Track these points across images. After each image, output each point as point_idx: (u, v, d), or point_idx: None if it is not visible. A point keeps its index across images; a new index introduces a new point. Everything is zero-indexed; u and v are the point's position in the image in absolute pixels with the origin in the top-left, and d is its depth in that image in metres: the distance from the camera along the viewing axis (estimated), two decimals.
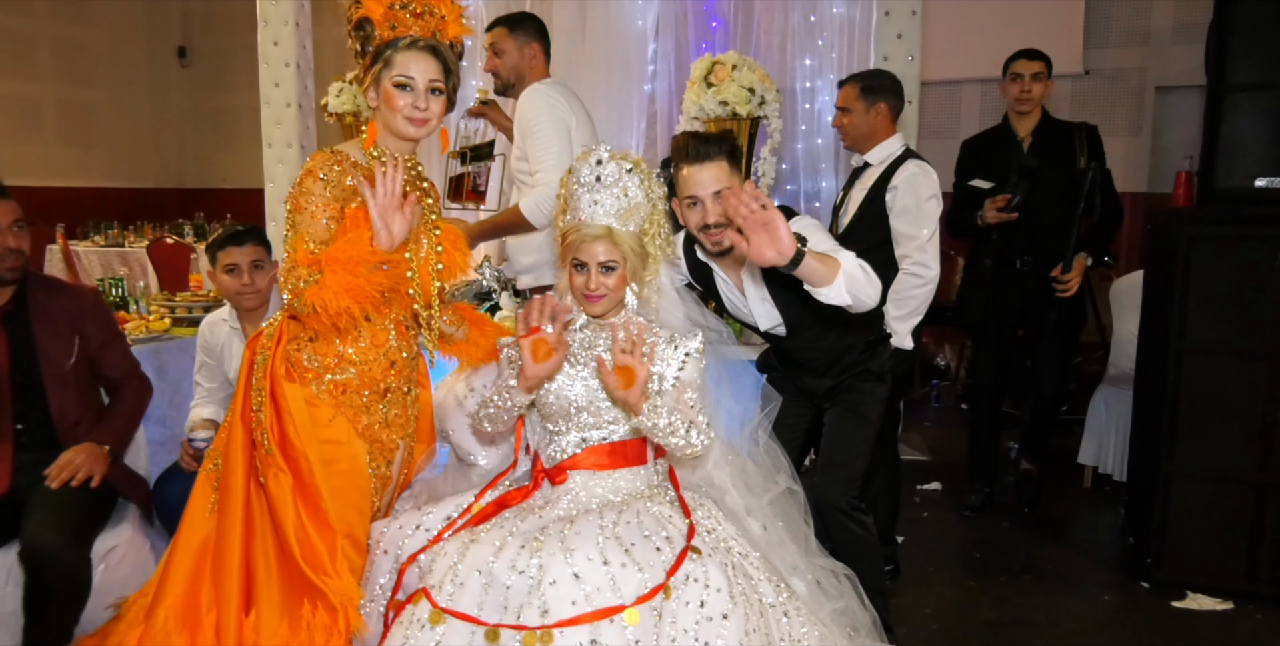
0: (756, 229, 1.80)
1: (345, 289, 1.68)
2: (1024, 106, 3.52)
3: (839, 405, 2.43)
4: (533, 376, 1.85)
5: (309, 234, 1.76)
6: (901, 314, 2.66)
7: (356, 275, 1.70)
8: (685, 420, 1.83)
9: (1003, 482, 4.06)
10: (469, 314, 2.20)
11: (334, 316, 1.72)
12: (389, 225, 1.73)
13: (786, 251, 1.80)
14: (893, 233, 2.74)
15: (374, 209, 1.72)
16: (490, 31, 3.06)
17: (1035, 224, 3.45)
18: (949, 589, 3.07)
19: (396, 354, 1.96)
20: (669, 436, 1.82)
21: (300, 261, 1.72)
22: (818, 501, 2.33)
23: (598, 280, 1.90)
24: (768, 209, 1.79)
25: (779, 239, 1.79)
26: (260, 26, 4.65)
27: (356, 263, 1.70)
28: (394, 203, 1.75)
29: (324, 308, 1.69)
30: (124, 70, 8.52)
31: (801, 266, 1.83)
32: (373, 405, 1.93)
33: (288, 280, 1.72)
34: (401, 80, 1.82)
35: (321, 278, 1.69)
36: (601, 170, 1.91)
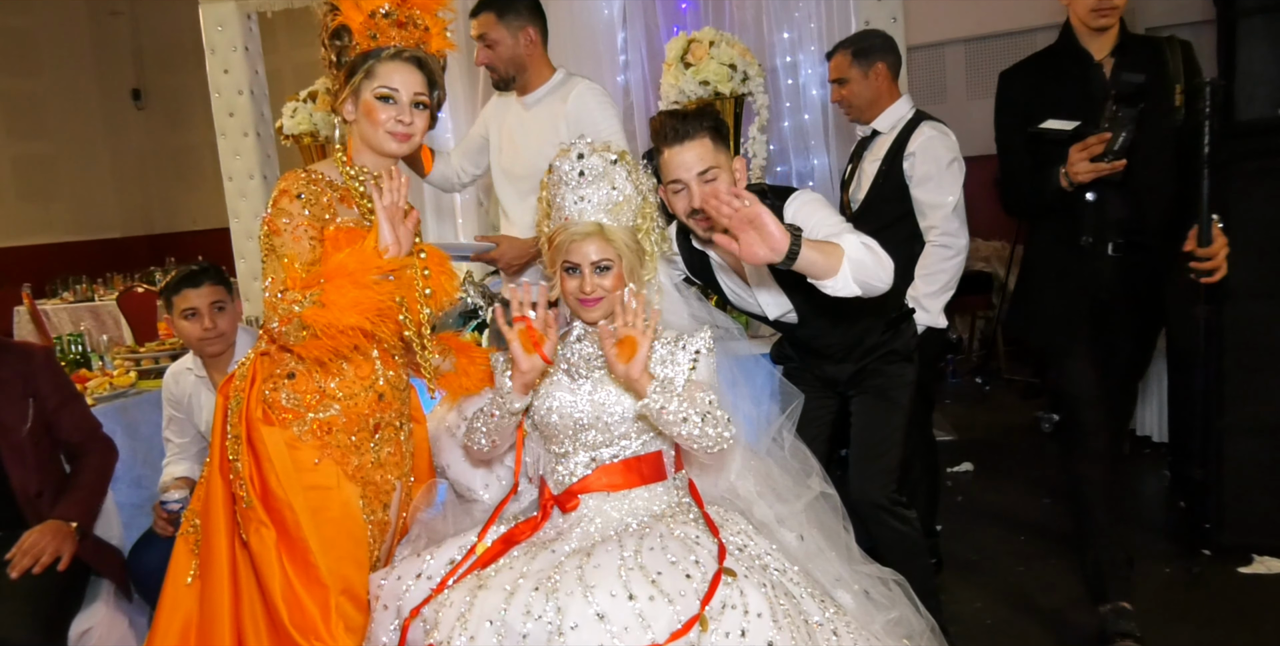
0: (743, 227, 1.65)
1: (353, 304, 1.54)
2: (1104, 18, 2.28)
3: (865, 392, 2.26)
4: (528, 370, 1.69)
5: (294, 256, 1.61)
6: (933, 290, 2.50)
7: (365, 286, 1.55)
8: (699, 411, 1.66)
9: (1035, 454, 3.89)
10: (454, 342, 2.04)
11: (341, 336, 1.56)
12: (396, 232, 1.62)
13: (779, 246, 1.64)
14: (915, 203, 2.57)
15: (381, 213, 1.60)
16: (475, 18, 2.62)
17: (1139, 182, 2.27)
18: (998, 578, 2.89)
19: (384, 386, 1.78)
20: (681, 425, 1.65)
21: (292, 284, 1.56)
22: (855, 500, 2.16)
23: (592, 282, 1.74)
24: (751, 204, 1.63)
25: (769, 234, 1.63)
26: (208, 55, 4.48)
27: (363, 272, 1.56)
28: (399, 212, 1.64)
29: (330, 326, 1.53)
30: (78, 118, 8.34)
31: (799, 260, 1.67)
32: (363, 444, 1.75)
33: (278, 306, 1.55)
34: (384, 92, 1.70)
35: (323, 295, 1.54)
36: (584, 164, 1.78)
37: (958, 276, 2.54)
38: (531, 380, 1.73)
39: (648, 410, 1.66)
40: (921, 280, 2.51)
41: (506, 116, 2.74)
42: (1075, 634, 2.50)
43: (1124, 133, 2.15)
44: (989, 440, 4.39)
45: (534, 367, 1.71)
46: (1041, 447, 4.20)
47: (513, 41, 2.61)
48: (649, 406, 1.65)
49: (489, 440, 1.79)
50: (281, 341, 1.58)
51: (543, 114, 2.67)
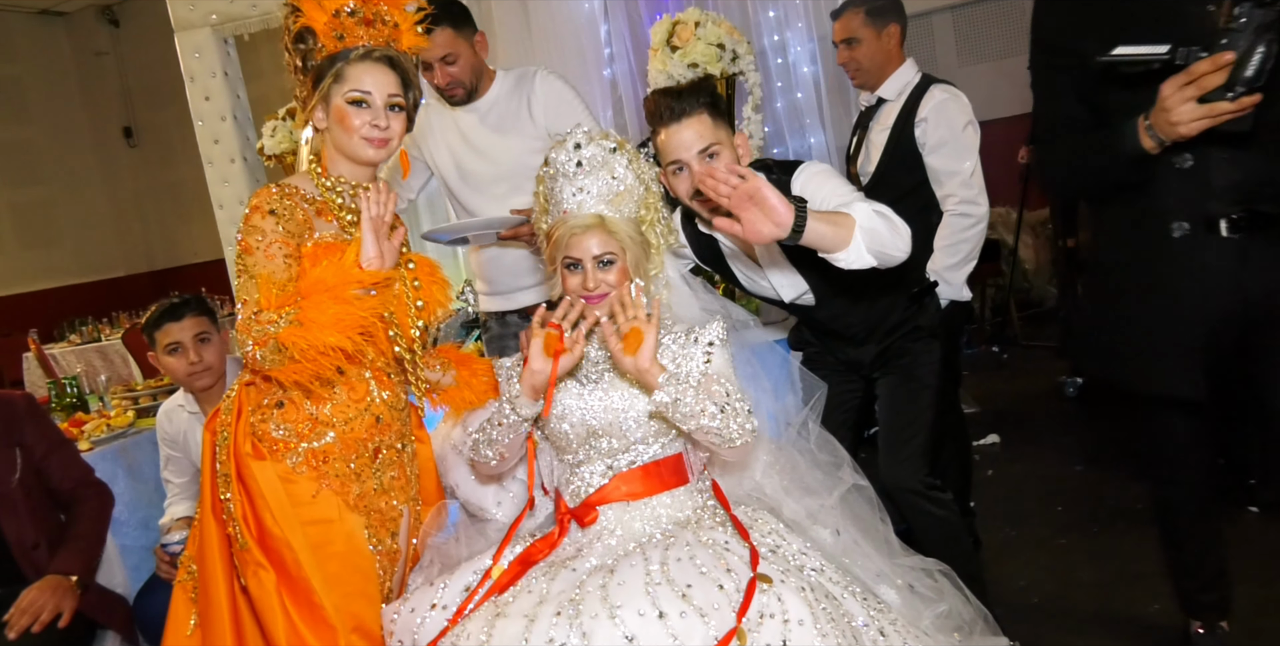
0: (744, 205, 1.55)
1: (334, 321, 1.45)
2: None
3: (891, 373, 2.16)
4: (538, 371, 1.61)
5: (268, 275, 1.52)
6: (954, 261, 2.39)
7: (346, 301, 1.46)
8: (717, 403, 1.57)
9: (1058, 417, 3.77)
10: (454, 355, 1.95)
11: (321, 358, 1.46)
12: (380, 245, 1.53)
13: (784, 221, 1.54)
14: (929, 171, 2.45)
15: (367, 224, 1.51)
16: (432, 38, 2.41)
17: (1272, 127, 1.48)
18: (1039, 553, 2.78)
19: (381, 407, 1.70)
20: (699, 418, 1.55)
21: (266, 304, 1.47)
22: (887, 486, 2.07)
23: (596, 277, 1.65)
24: (748, 179, 1.54)
25: (772, 209, 1.53)
26: (188, 83, 4.43)
27: (343, 286, 1.47)
28: (385, 226, 1.55)
29: (309, 348, 1.44)
30: (72, 162, 8.34)
31: (807, 233, 1.57)
32: (363, 471, 1.66)
33: (251, 329, 1.46)
34: (356, 96, 1.61)
35: (300, 313, 1.45)
36: (582, 154, 1.68)
37: (979, 246, 2.43)
38: (541, 385, 1.64)
39: (661, 404, 1.56)
40: (941, 252, 2.41)
41: (451, 131, 2.60)
42: (1129, 606, 2.39)
43: (1259, 48, 1.33)
44: (1013, 410, 4.27)
45: (544, 370, 1.61)
46: (1068, 413, 4.09)
47: (471, 51, 2.48)
48: (661, 400, 1.55)
49: (497, 452, 1.70)
50: (258, 367, 1.49)
51: (504, 114, 2.56)
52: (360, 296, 1.49)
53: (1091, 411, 4.06)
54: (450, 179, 2.66)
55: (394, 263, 1.58)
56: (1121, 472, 3.29)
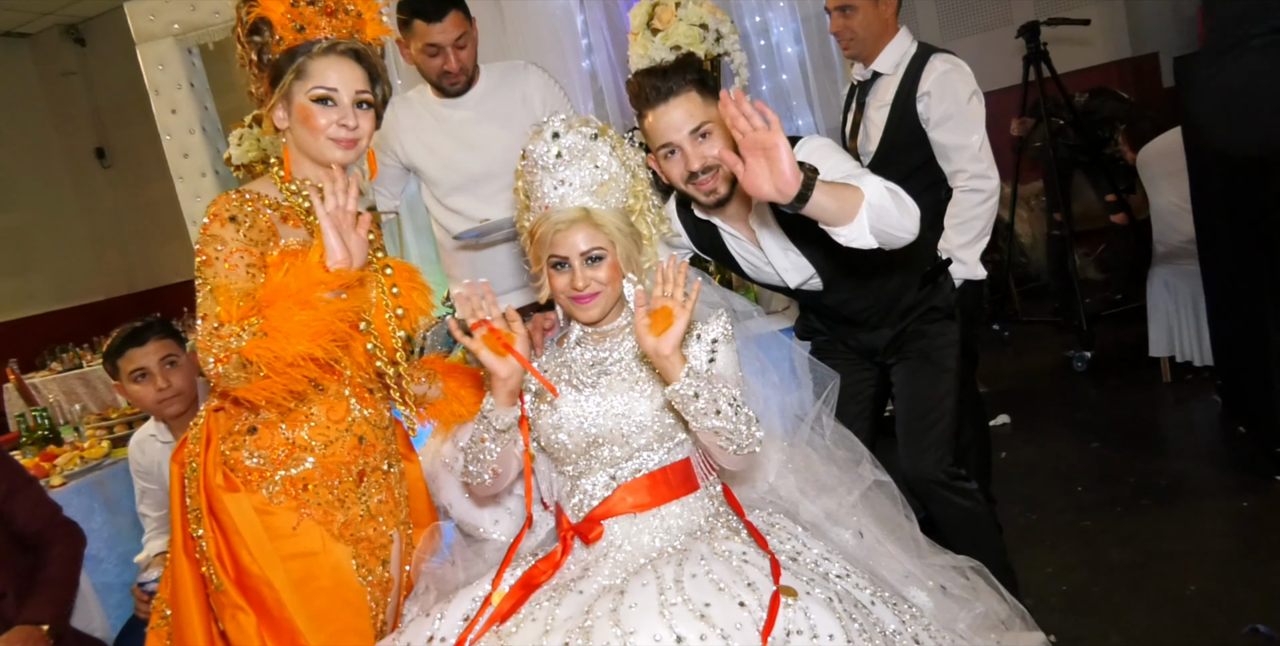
0: (754, 151, 1.44)
1: (301, 328, 1.33)
2: None
3: (908, 357, 2.05)
4: (508, 376, 1.50)
5: (228, 286, 1.39)
6: (967, 239, 2.29)
7: (313, 305, 1.34)
8: (729, 402, 1.46)
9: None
10: (439, 366, 1.83)
11: (291, 370, 1.34)
12: (345, 242, 1.40)
13: (786, 187, 1.43)
14: (935, 147, 2.34)
15: (325, 220, 1.39)
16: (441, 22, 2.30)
17: None
18: (1063, 537, 2.68)
19: (364, 426, 1.57)
20: (711, 418, 1.44)
21: (227, 317, 1.35)
22: (909, 478, 1.96)
23: (585, 275, 1.54)
24: (772, 128, 1.42)
25: (779, 171, 1.42)
26: (153, 97, 4.30)
27: (308, 289, 1.35)
28: (348, 218, 1.43)
29: (276, 359, 1.32)
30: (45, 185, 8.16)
31: (810, 205, 1.46)
32: (347, 496, 1.54)
33: (213, 345, 1.34)
34: (321, 93, 1.50)
35: (264, 323, 1.32)
36: (561, 143, 1.57)
37: (991, 222, 2.34)
38: (516, 386, 1.54)
39: (678, 396, 1.43)
40: (954, 230, 2.30)
41: (431, 129, 2.48)
42: (1164, 588, 2.28)
43: None
44: (1021, 388, 4.17)
45: (514, 372, 1.51)
46: (1078, 389, 3.99)
47: (474, 38, 2.39)
48: (680, 392, 1.43)
49: (489, 471, 1.58)
50: (224, 386, 1.36)
51: (498, 106, 2.44)
52: (328, 300, 1.37)
53: (1102, 386, 3.96)
54: (435, 178, 2.53)
55: (364, 259, 1.46)
56: (1139, 448, 3.19)
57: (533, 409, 1.62)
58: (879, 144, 2.43)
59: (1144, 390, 3.76)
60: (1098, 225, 5.15)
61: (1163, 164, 3.70)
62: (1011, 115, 4.52)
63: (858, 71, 2.55)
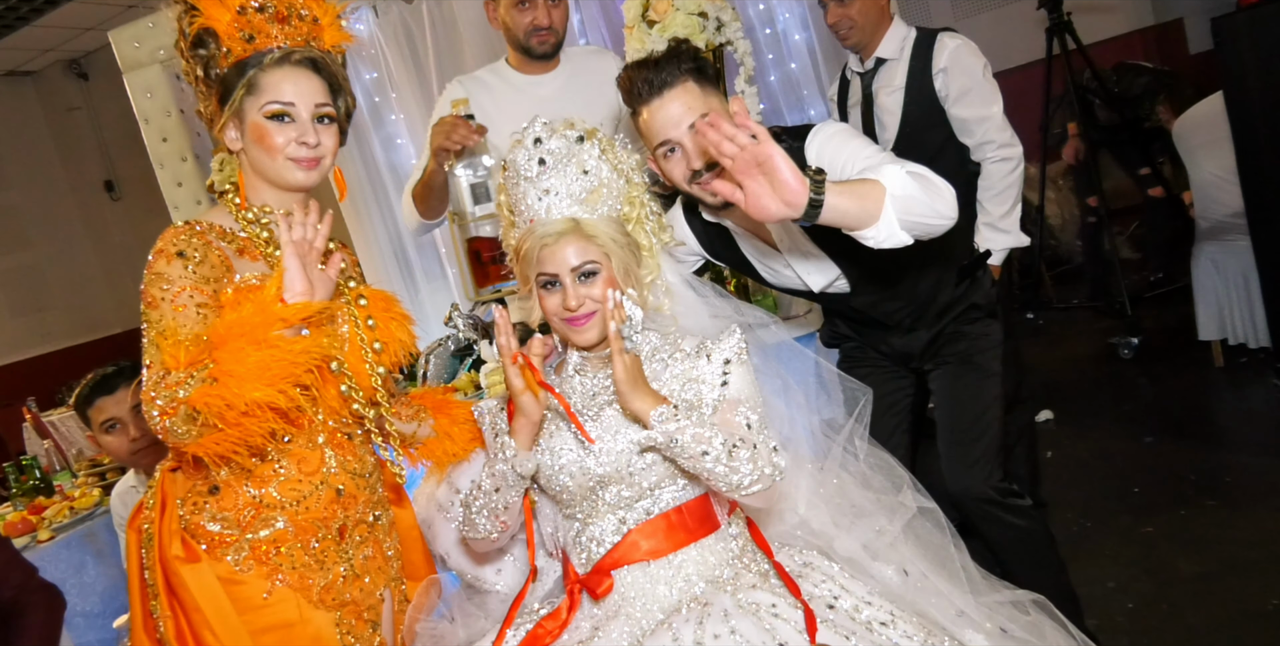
0: (749, 171, 1.28)
1: (257, 371, 1.17)
2: None
3: (947, 362, 1.88)
4: (540, 418, 1.38)
5: (176, 330, 1.25)
6: (1006, 208, 2.32)
7: (271, 344, 1.19)
8: (726, 440, 1.30)
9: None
10: (430, 400, 1.68)
11: (246, 420, 1.18)
12: (308, 274, 1.26)
13: (795, 198, 1.27)
14: (956, 123, 2.34)
15: (287, 247, 1.26)
16: None
17: None
18: (1123, 545, 2.47)
19: (342, 477, 1.42)
20: (699, 460, 1.29)
21: (173, 363, 1.20)
22: (954, 495, 1.78)
23: (578, 294, 1.38)
24: (760, 140, 1.27)
25: (783, 183, 1.26)
26: (142, 125, 4.23)
27: (264, 327, 1.20)
28: (313, 253, 1.29)
29: (227, 409, 1.16)
30: (56, 222, 8.16)
31: (825, 211, 1.29)
32: (327, 556, 1.38)
33: (158, 395, 1.19)
34: (276, 108, 1.36)
35: (214, 368, 1.17)
36: (544, 149, 1.42)
37: (1022, 188, 2.38)
38: (539, 429, 1.40)
39: (653, 443, 1.30)
40: (991, 202, 2.32)
41: (522, 100, 2.28)
42: (1242, 602, 2.07)
43: None
44: (1063, 380, 3.93)
45: (539, 411, 1.37)
46: (1125, 378, 3.76)
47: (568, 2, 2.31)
48: (653, 439, 1.29)
49: (496, 521, 1.41)
50: (172, 442, 1.21)
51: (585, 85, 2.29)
52: (288, 338, 1.22)
53: (1149, 374, 3.73)
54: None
55: (328, 293, 1.31)
56: (1198, 441, 2.97)
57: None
58: (898, 129, 2.39)
59: (1196, 377, 3.53)
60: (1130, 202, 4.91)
61: (1200, 134, 3.48)
62: (1036, 92, 4.30)
63: (854, 63, 2.51)
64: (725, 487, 1.31)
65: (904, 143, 2.37)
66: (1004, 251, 2.33)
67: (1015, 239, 2.34)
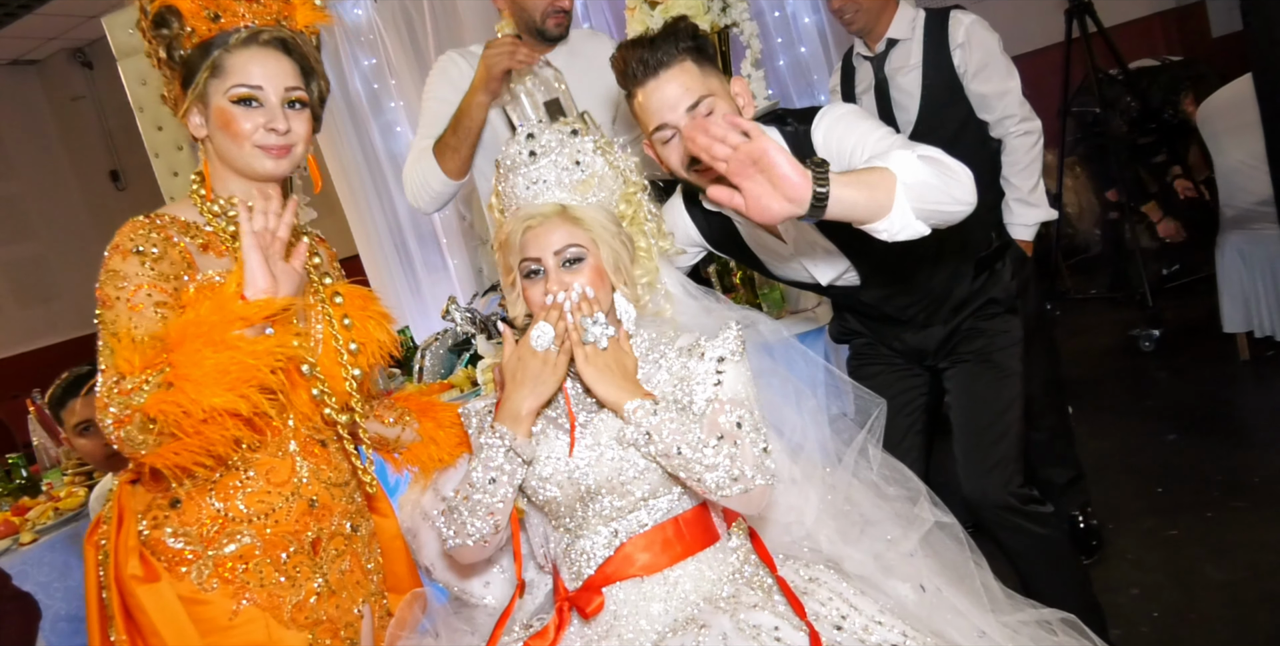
0: (747, 173, 1.19)
1: (216, 374, 1.09)
2: None
3: (964, 361, 1.78)
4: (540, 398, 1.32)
5: (132, 331, 1.17)
6: (1032, 183, 2.30)
7: (231, 345, 1.11)
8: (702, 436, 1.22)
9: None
10: (413, 403, 1.59)
11: (206, 428, 1.10)
12: (270, 268, 1.18)
13: (798, 194, 1.18)
14: (976, 99, 2.32)
15: (249, 239, 1.18)
16: None
17: None
18: (1147, 549, 2.37)
19: (315, 487, 1.33)
20: (674, 458, 1.22)
21: (127, 367, 1.12)
22: (973, 503, 1.70)
23: (561, 280, 1.30)
24: (753, 137, 1.18)
25: (782, 179, 1.17)
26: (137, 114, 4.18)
27: (223, 326, 1.11)
28: (277, 244, 1.21)
29: (185, 416, 1.08)
30: (62, 212, 8.14)
31: (832, 205, 1.20)
32: (299, 571, 1.30)
33: (111, 403, 1.10)
34: (243, 93, 1.28)
35: (171, 371, 1.09)
36: (536, 143, 1.34)
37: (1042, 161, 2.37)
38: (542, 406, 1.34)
39: (629, 439, 1.25)
40: (1017, 177, 2.31)
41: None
42: (1274, 612, 1.97)
43: None
44: (1081, 374, 3.82)
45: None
46: (1146, 372, 3.64)
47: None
48: (627, 435, 1.24)
49: (490, 521, 1.30)
50: (129, 453, 1.13)
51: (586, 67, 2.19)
52: (249, 338, 1.13)
53: (1171, 367, 3.61)
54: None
55: (295, 289, 1.22)
56: (1224, 439, 2.86)
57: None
58: (918, 110, 2.35)
59: (1220, 371, 3.41)
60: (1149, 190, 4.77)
61: (1226, 119, 3.35)
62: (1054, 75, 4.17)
63: (861, 48, 2.46)
64: (701, 489, 1.23)
65: (925, 123, 2.34)
66: (1035, 226, 2.33)
67: (1045, 212, 2.33)
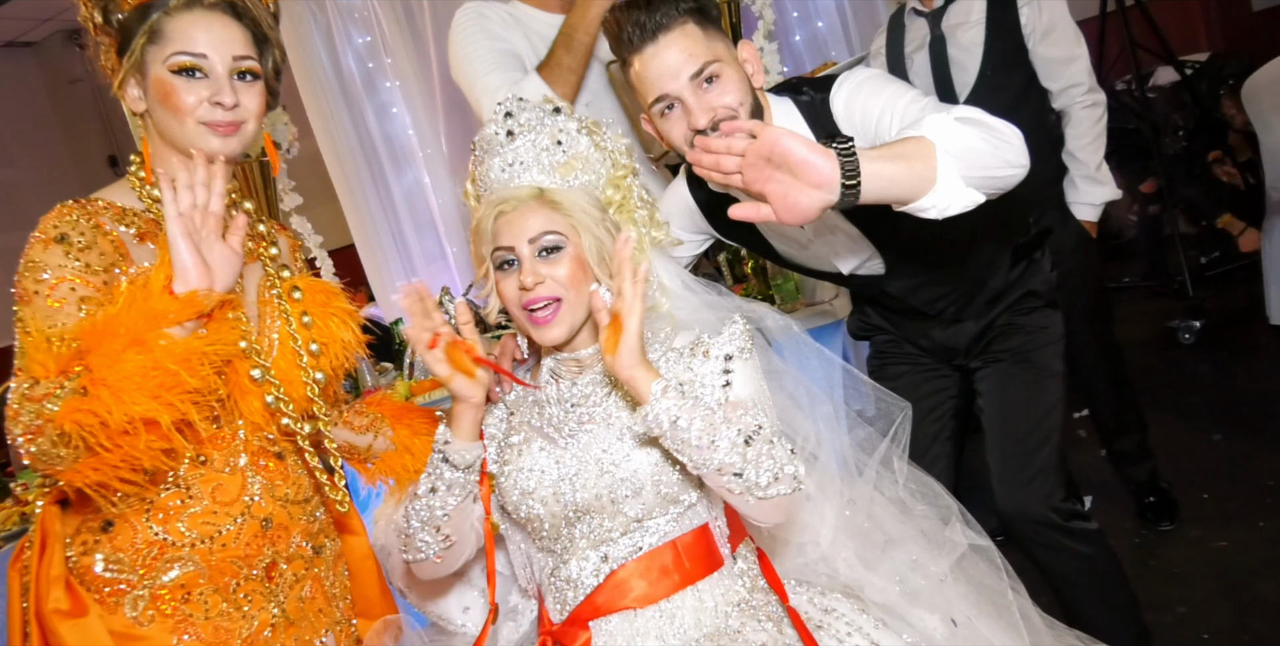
0: (765, 175, 1.07)
1: (138, 379, 0.95)
2: None
3: (999, 360, 1.63)
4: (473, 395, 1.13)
5: (48, 330, 1.02)
6: (1099, 159, 2.16)
7: (150, 346, 0.96)
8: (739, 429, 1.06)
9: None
10: (387, 408, 1.43)
11: (128, 440, 0.95)
12: (201, 253, 1.03)
13: (825, 177, 1.04)
14: (1040, 64, 2.13)
15: (174, 224, 1.02)
16: None
17: None
18: (1193, 562, 2.19)
19: (270, 506, 1.18)
20: (708, 452, 1.04)
21: (41, 372, 0.97)
22: (1009, 519, 1.54)
23: (537, 271, 1.15)
24: (760, 134, 1.06)
25: (804, 165, 1.04)
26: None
27: (151, 324, 0.97)
28: (210, 222, 1.05)
29: (103, 427, 0.93)
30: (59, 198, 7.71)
31: (866, 184, 1.05)
32: (250, 600, 1.15)
33: (22, 412, 0.95)
34: (184, 61, 1.14)
35: (87, 375, 0.94)
36: (515, 121, 1.20)
37: None
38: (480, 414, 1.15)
39: (652, 423, 1.05)
40: (1083, 152, 2.16)
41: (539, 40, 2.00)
42: None
43: None
44: None
45: (479, 392, 1.13)
46: (1186, 367, 3.45)
47: None
48: (653, 416, 1.04)
49: (437, 536, 1.16)
50: (43, 469, 0.99)
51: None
52: (176, 338, 0.98)
53: (1213, 361, 3.42)
54: None
55: (232, 279, 1.07)
56: (1274, 440, 2.66)
57: (496, 464, 1.21)
58: (979, 70, 2.15)
59: (1267, 365, 3.22)
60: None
61: (1273, 95, 3.15)
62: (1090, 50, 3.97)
63: (916, 2, 2.24)
64: (739, 488, 1.05)
65: (985, 85, 2.15)
66: (1101, 206, 2.21)
67: (1111, 191, 2.20)
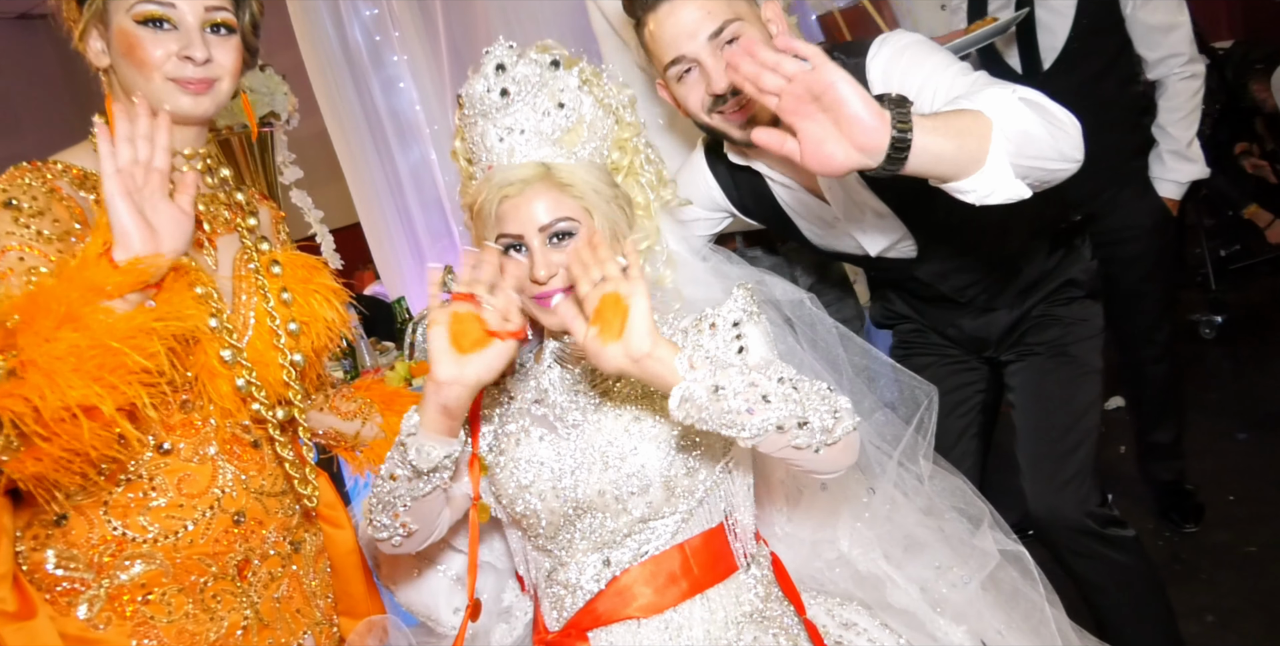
0: (803, 110, 0.94)
1: (73, 359, 0.85)
2: None
3: (1034, 353, 1.53)
4: (449, 380, 0.97)
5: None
6: (1191, 134, 2.04)
7: (87, 323, 0.86)
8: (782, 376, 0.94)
9: None
10: (376, 394, 1.35)
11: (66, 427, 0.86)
12: (145, 214, 0.92)
13: (873, 140, 0.92)
14: (1138, 31, 1.99)
15: (111, 182, 0.91)
16: None
17: None
18: (1221, 567, 2.10)
19: (241, 498, 1.08)
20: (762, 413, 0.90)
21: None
22: (1040, 520, 1.46)
23: (548, 261, 1.05)
24: (815, 66, 0.92)
25: (851, 119, 0.92)
26: None
27: (89, 297, 0.87)
28: (154, 179, 0.94)
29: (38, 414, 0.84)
30: None
31: (915, 155, 0.94)
32: (220, 602, 1.06)
33: None
34: (150, 10, 1.04)
35: (20, 355, 0.85)
36: (508, 78, 1.07)
37: None
38: (456, 403, 0.98)
39: (690, 402, 0.91)
40: (1175, 126, 2.04)
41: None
42: None
43: None
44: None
45: (460, 378, 0.97)
46: (1208, 362, 3.36)
47: None
48: (689, 393, 0.91)
49: (395, 522, 1.04)
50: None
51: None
52: (120, 312, 0.88)
53: (1236, 357, 3.31)
54: None
55: (184, 243, 0.95)
56: None
57: (492, 453, 1.12)
58: (1069, 31, 2.00)
59: None
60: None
61: None
62: None
63: None
64: (806, 441, 0.92)
65: (1074, 50, 2.02)
66: (1186, 185, 2.09)
67: (1200, 169, 2.09)
